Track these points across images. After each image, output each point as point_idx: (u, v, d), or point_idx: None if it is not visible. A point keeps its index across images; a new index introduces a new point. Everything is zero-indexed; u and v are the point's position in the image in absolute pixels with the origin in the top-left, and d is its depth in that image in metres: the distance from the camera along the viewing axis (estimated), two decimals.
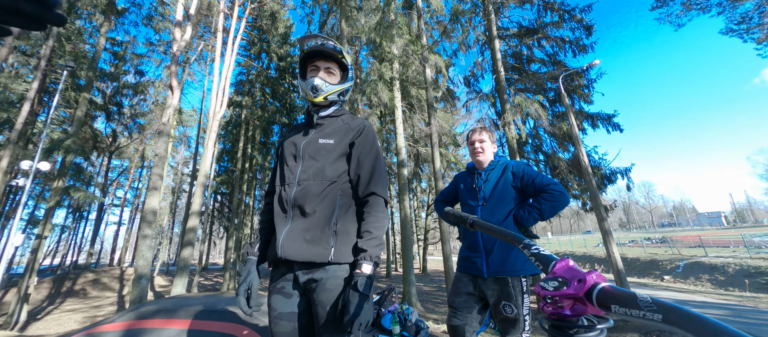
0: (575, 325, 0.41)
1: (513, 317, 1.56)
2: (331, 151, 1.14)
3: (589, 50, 9.66)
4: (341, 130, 1.18)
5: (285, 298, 1.06)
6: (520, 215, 1.69)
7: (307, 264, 1.05)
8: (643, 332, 6.24)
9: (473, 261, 1.72)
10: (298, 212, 1.08)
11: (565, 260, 0.46)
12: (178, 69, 8.26)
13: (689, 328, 0.28)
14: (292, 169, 1.14)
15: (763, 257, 14.34)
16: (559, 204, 1.61)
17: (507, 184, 1.77)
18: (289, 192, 1.10)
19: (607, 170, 9.26)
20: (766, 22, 8.50)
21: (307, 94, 1.16)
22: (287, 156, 1.17)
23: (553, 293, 0.42)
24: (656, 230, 62.01)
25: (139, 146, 21.84)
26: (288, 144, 1.19)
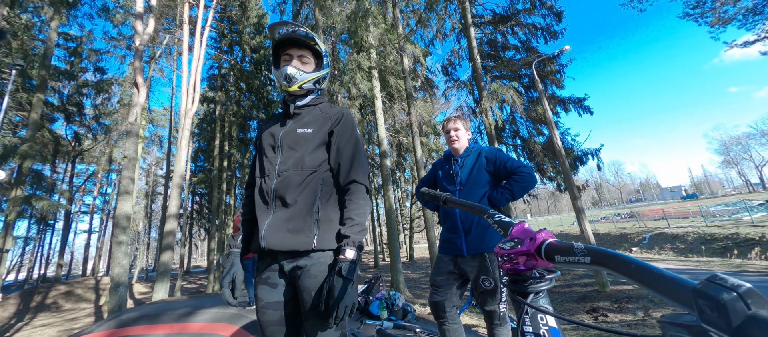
0: (529, 278, 0.47)
1: (491, 288, 1.70)
2: (310, 140, 1.13)
3: (559, 36, 9.97)
4: (320, 119, 1.17)
5: (271, 288, 1.07)
6: (494, 196, 1.83)
7: (291, 253, 1.06)
8: (613, 300, 6.76)
9: (454, 242, 1.83)
10: (279, 202, 1.08)
11: (521, 224, 0.52)
12: (142, 65, 7.81)
13: (607, 263, 0.35)
14: (271, 160, 1.13)
15: (717, 225, 15.71)
16: (528, 185, 1.79)
17: (481, 168, 1.90)
18: (269, 183, 1.09)
19: (579, 152, 9.73)
20: (717, 6, 9.09)
21: (281, 84, 1.14)
22: (266, 148, 1.15)
23: (509, 252, 0.48)
24: (625, 206, 66.09)
25: (105, 149, 20.55)
26: (266, 135, 1.17)
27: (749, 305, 0.23)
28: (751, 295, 0.23)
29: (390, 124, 12.69)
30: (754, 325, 0.22)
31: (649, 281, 0.30)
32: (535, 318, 0.46)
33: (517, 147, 10.52)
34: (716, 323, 0.24)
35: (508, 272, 0.50)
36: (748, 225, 13.82)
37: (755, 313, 0.22)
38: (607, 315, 5.59)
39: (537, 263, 0.47)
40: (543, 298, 0.48)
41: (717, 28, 9.14)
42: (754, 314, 0.22)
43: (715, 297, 0.24)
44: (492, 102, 8.91)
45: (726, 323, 0.23)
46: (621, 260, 0.33)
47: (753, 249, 11.18)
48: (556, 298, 7.85)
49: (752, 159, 71.52)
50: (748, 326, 0.22)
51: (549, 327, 0.44)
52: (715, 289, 0.24)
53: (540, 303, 0.47)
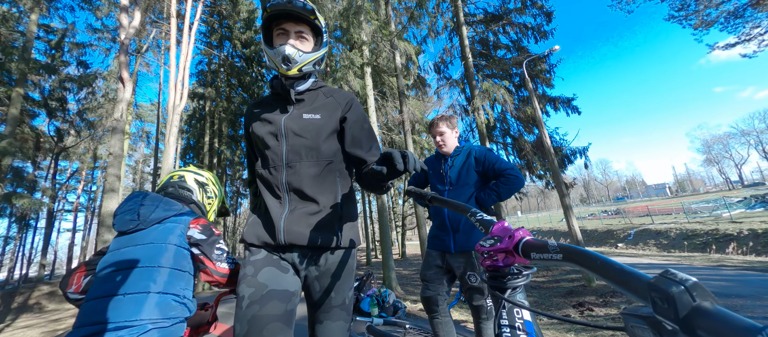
0: (507, 274, 0.49)
1: (477, 285, 1.76)
2: (321, 127, 1.04)
3: (549, 36, 10.11)
4: (328, 104, 1.07)
5: (281, 272, 0.94)
6: (481, 197, 1.89)
7: (310, 248, 0.99)
8: (598, 295, 6.94)
9: (442, 239, 1.90)
10: (295, 195, 1.00)
11: (501, 222, 0.54)
12: (128, 59, 7.60)
13: (576, 259, 0.37)
14: (275, 149, 1.02)
15: (698, 221, 16.26)
16: (515, 187, 1.85)
17: (470, 168, 1.94)
18: (278, 175, 1.00)
19: (567, 150, 9.92)
20: (701, 9, 9.35)
21: (277, 67, 0.99)
22: (265, 136, 1.03)
23: (489, 249, 0.49)
24: (612, 203, 67.79)
25: (90, 145, 19.97)
26: (261, 123, 1.05)
27: (694, 297, 0.25)
28: (696, 288, 0.25)
29: (382, 122, 12.68)
30: (698, 315, 0.24)
31: (612, 275, 0.32)
32: (511, 312, 0.48)
33: (508, 145, 10.67)
34: (666, 313, 0.26)
35: (487, 268, 0.51)
36: (727, 221, 14.35)
37: (699, 304, 0.24)
38: (592, 309, 5.74)
39: (515, 260, 0.49)
40: (520, 293, 0.50)
41: (700, 30, 9.40)
42: (698, 306, 0.24)
43: (665, 290, 0.26)
44: (483, 100, 9.00)
45: (674, 313, 0.25)
46: (588, 256, 0.35)
47: (730, 244, 11.63)
48: (544, 293, 8.03)
49: (732, 158, 74.15)
50: (693, 316, 0.24)
51: (524, 321, 0.47)
52: (667, 283, 0.26)
53: (517, 298, 0.49)
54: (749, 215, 16.55)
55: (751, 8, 8.53)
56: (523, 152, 10.04)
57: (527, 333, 0.46)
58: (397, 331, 2.82)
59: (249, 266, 0.94)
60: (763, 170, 72.31)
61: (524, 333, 0.46)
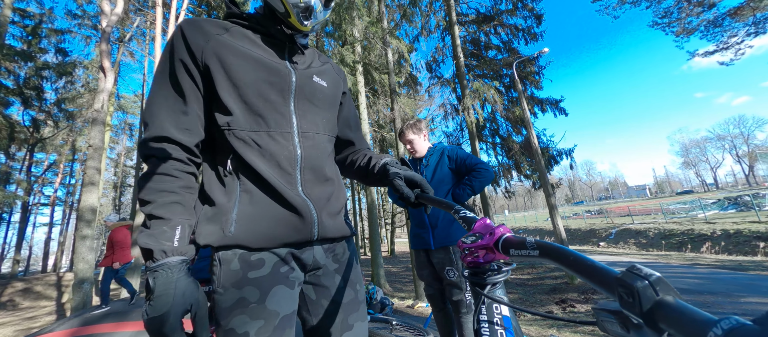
0: (487, 270, 0.50)
1: (455, 280, 1.82)
2: (329, 99, 0.85)
3: (539, 38, 10.29)
4: (330, 73, 0.88)
5: (289, 289, 0.70)
6: (457, 193, 1.98)
7: (337, 239, 0.82)
8: (580, 292, 7.17)
9: (422, 236, 1.98)
10: (311, 175, 0.76)
11: (483, 219, 0.55)
12: (110, 48, 7.33)
13: (551, 255, 0.38)
14: (278, 107, 0.74)
15: (675, 221, 16.94)
16: (486, 180, 1.95)
17: (444, 166, 2.05)
18: (285, 145, 0.73)
19: (554, 151, 10.15)
20: (683, 17, 9.68)
21: (289, 12, 0.73)
22: (259, 84, 0.72)
23: (470, 246, 0.50)
24: (595, 203, 69.86)
25: (68, 137, 19.19)
26: (246, 61, 0.72)
27: (658, 291, 0.26)
28: (659, 283, 0.26)
29: (374, 119, 12.66)
30: (660, 309, 0.25)
31: (583, 270, 0.33)
32: (490, 307, 0.49)
33: (497, 145, 10.83)
34: (632, 307, 0.27)
35: (468, 264, 0.52)
36: (702, 222, 15.01)
37: (662, 298, 0.25)
38: (574, 305, 5.92)
39: (495, 257, 0.50)
40: (499, 289, 0.51)
41: (682, 37, 9.75)
42: (661, 300, 0.25)
43: (631, 285, 0.27)
44: (474, 100, 9.09)
45: (639, 307, 0.26)
46: (562, 253, 0.37)
47: (705, 244, 12.18)
48: (529, 290, 8.23)
49: (708, 161, 77.49)
50: (656, 310, 0.25)
51: (502, 316, 0.48)
52: (632, 278, 0.27)
53: (496, 294, 0.50)
54: (722, 216, 17.36)
55: (729, 18, 8.90)
56: (511, 152, 10.21)
57: (505, 328, 0.47)
58: (384, 327, 2.84)
59: (249, 288, 0.65)
60: (736, 173, 75.92)
61: (502, 328, 0.47)
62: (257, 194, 0.70)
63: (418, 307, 5.04)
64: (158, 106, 0.68)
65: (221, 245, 0.67)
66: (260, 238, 0.68)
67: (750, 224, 12.12)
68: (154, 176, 0.64)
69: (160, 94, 0.69)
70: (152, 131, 0.66)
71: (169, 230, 0.61)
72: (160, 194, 0.63)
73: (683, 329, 0.23)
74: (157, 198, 0.63)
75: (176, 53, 0.69)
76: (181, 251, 0.61)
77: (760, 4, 8.02)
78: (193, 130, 0.69)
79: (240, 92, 0.71)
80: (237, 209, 0.68)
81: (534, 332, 3.89)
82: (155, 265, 0.58)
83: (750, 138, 67.21)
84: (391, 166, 0.80)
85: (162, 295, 0.56)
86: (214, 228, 0.68)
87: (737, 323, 0.19)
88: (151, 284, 0.56)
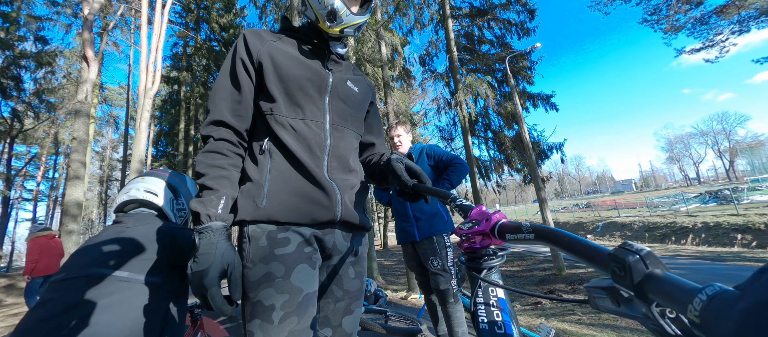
0: (483, 255, 0.52)
1: (439, 269, 1.90)
2: (360, 104, 0.94)
3: (531, 33, 10.35)
4: (362, 83, 0.98)
5: (312, 269, 0.75)
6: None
7: (360, 228, 0.87)
8: (568, 282, 7.36)
9: (407, 230, 2.07)
10: (337, 163, 0.83)
11: (479, 207, 0.56)
12: (93, 36, 7.07)
13: (547, 237, 0.40)
14: (315, 101, 0.83)
15: (659, 215, 17.49)
16: (462, 173, 2.09)
17: (424, 163, 2.15)
18: (319, 133, 0.82)
19: (544, 146, 10.31)
20: (671, 14, 9.87)
21: (318, 18, 0.83)
22: (302, 79, 0.82)
23: (467, 232, 0.52)
24: (583, 197, 71.49)
25: (50, 129, 18.55)
26: (292, 61, 0.83)
27: (648, 265, 0.27)
28: (649, 257, 0.27)
29: None
30: (650, 280, 0.27)
31: (578, 250, 0.35)
32: (486, 291, 0.50)
33: (489, 139, 10.93)
34: (623, 281, 0.28)
35: (465, 250, 0.54)
36: (684, 215, 15.54)
37: (652, 271, 0.27)
38: (562, 295, 6.09)
39: (491, 242, 0.51)
40: (495, 273, 0.52)
41: (670, 35, 9.95)
42: (650, 272, 0.27)
43: (623, 259, 0.28)
44: (467, 95, 9.13)
45: (630, 280, 0.28)
46: (557, 234, 0.38)
47: (687, 236, 12.63)
48: (519, 281, 8.42)
49: (691, 156, 79.91)
50: (646, 282, 0.27)
51: (498, 298, 0.49)
52: (624, 253, 0.29)
53: (492, 277, 0.51)
54: (703, 209, 18.00)
55: (715, 16, 9.11)
56: (503, 147, 10.33)
57: (501, 309, 0.49)
58: (379, 318, 2.88)
59: (275, 263, 0.69)
60: (718, 168, 78.56)
61: (498, 309, 0.49)
62: (288, 172, 0.78)
63: (411, 298, 5.13)
64: (219, 96, 0.80)
65: (253, 218, 0.73)
66: (289, 212, 0.74)
67: (729, 217, 12.61)
68: (208, 152, 0.75)
69: (222, 86, 0.81)
70: (212, 116, 0.78)
71: (216, 199, 0.70)
72: (212, 168, 0.73)
73: (671, 297, 0.24)
74: (209, 171, 0.72)
75: (238, 53, 0.82)
76: (223, 217, 0.70)
77: (745, 2, 8.23)
78: (244, 117, 0.81)
79: (284, 85, 0.82)
80: (268, 184, 0.76)
81: (523, 321, 3.99)
82: (202, 227, 0.66)
83: (731, 134, 69.50)
84: (395, 154, 0.88)
85: (205, 253, 0.63)
86: (248, 202, 0.75)
87: (720, 289, 0.20)
88: (197, 242, 0.64)
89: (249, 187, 0.77)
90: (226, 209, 0.71)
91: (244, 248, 0.73)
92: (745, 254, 9.16)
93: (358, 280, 0.87)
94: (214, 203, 0.69)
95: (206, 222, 0.67)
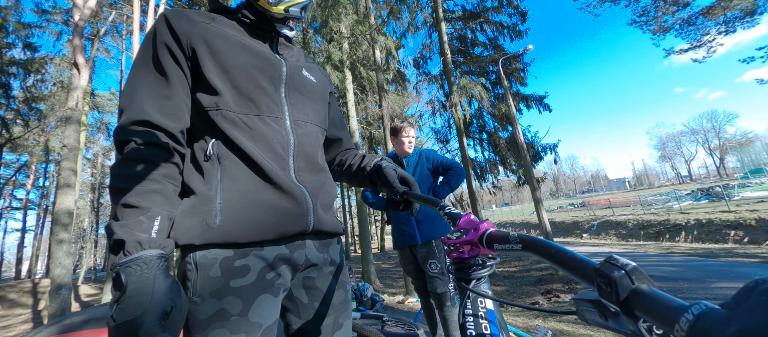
0: (472, 265, 0.51)
1: (437, 272, 1.91)
2: (318, 95, 0.83)
3: (524, 36, 10.46)
4: (318, 71, 0.86)
5: (274, 297, 0.64)
6: (437, 191, 2.13)
7: (332, 234, 0.77)
8: (565, 282, 7.39)
9: (408, 233, 2.07)
10: (304, 163, 0.72)
11: (467, 215, 0.55)
12: (83, 43, 6.98)
13: (533, 248, 0.39)
14: (269, 93, 0.71)
15: (653, 213, 17.69)
16: (461, 178, 2.12)
17: (423, 167, 2.17)
18: (279, 130, 0.69)
19: (539, 147, 10.38)
20: (659, 15, 10.05)
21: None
22: (250, 68, 0.69)
23: (455, 241, 0.51)
24: (578, 197, 72.13)
25: (39, 137, 18.25)
26: (234, 47, 0.70)
27: (633, 280, 0.26)
28: (635, 272, 0.27)
29: (362, 116, 12.59)
30: (636, 296, 0.26)
31: (564, 262, 0.34)
32: (475, 301, 0.49)
33: (484, 141, 10.99)
34: (609, 296, 0.28)
35: (454, 260, 0.53)
36: (677, 213, 15.73)
37: (637, 287, 0.26)
38: (559, 295, 6.11)
39: (479, 251, 0.50)
40: (484, 283, 0.51)
41: (658, 35, 10.12)
42: (636, 288, 0.26)
43: (608, 275, 0.27)
44: (461, 97, 9.18)
45: (616, 296, 0.27)
46: (543, 245, 0.37)
47: (680, 233, 12.78)
48: (516, 282, 8.43)
49: (683, 154, 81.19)
50: (631, 298, 0.26)
51: (487, 309, 0.48)
52: (609, 268, 0.28)
53: (481, 288, 0.50)
54: (695, 206, 18.25)
55: (702, 17, 9.29)
56: (498, 148, 10.39)
57: (490, 321, 0.48)
58: (375, 324, 2.85)
59: (231, 298, 0.58)
60: (709, 165, 79.87)
61: (487, 321, 0.47)
62: (244, 180, 0.63)
63: (408, 302, 5.10)
64: (138, 90, 0.61)
65: (204, 242, 0.59)
66: (251, 229, 0.61)
67: (721, 214, 12.79)
68: (130, 161, 0.56)
69: (140, 79, 0.63)
70: (130, 115, 0.59)
71: (146, 220, 0.53)
72: (136, 180, 0.55)
73: (657, 314, 0.24)
74: (132, 185, 0.55)
75: (160, 38, 0.64)
76: (159, 243, 0.53)
77: (730, 3, 8.41)
78: (177, 115, 0.63)
79: (229, 76, 0.67)
80: (220, 197, 0.61)
81: (521, 323, 3.99)
82: (127, 259, 0.49)
83: (721, 132, 70.78)
84: (385, 161, 0.82)
85: (136, 294, 0.47)
86: (195, 222, 0.60)
87: (706, 308, 0.20)
88: (122, 281, 0.47)
89: (193, 203, 0.61)
90: (163, 233, 0.54)
91: (189, 279, 0.58)
92: (738, 250, 9.28)
93: (341, 290, 0.78)
94: (145, 226, 0.52)
95: (135, 252, 0.50)
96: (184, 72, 0.65)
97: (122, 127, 0.59)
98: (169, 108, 0.62)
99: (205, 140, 0.66)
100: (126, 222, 0.52)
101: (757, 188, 21.90)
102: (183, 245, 0.60)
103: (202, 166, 0.64)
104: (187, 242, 0.58)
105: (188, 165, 0.66)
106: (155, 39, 0.65)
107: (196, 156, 0.66)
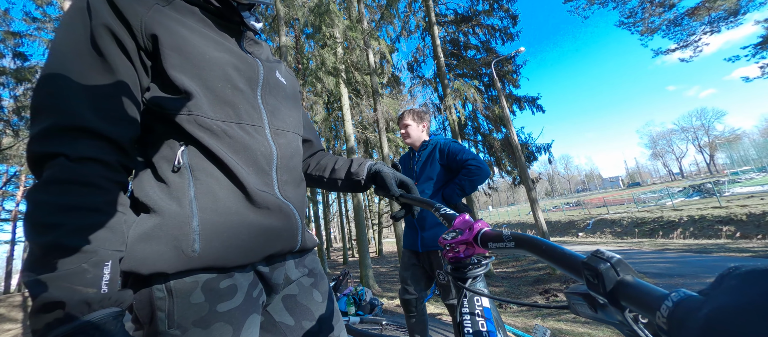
0: (468, 264, 0.52)
1: (446, 283, 1.79)
2: (293, 98, 0.75)
3: (515, 38, 10.62)
4: (286, 72, 0.77)
5: (259, 317, 0.60)
6: (446, 193, 1.88)
7: (304, 251, 0.71)
8: (562, 281, 7.44)
9: (411, 237, 1.93)
10: (287, 176, 0.65)
11: (462, 215, 0.56)
12: None
13: (526, 246, 0.41)
14: (248, 98, 0.60)
15: (646, 210, 17.91)
16: (477, 178, 1.77)
17: (434, 161, 1.94)
18: (262, 141, 0.60)
19: (533, 147, 10.49)
20: (646, 17, 10.27)
21: None
22: (225, 66, 0.58)
23: (451, 242, 0.52)
24: (573, 196, 72.84)
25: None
26: (206, 42, 0.57)
27: (619, 272, 0.28)
28: (620, 264, 0.28)
29: (357, 120, 12.62)
30: (621, 287, 0.27)
31: (554, 257, 0.35)
32: (471, 300, 0.50)
33: (479, 142, 11.07)
34: (596, 288, 0.29)
35: (450, 260, 0.54)
36: (670, 210, 15.95)
37: (623, 278, 0.28)
38: (557, 295, 6.14)
39: (474, 251, 0.51)
40: (480, 281, 0.53)
41: (646, 36, 10.34)
42: (621, 279, 0.27)
43: (595, 268, 0.29)
44: (455, 99, 9.26)
45: (602, 287, 0.28)
46: (535, 242, 0.38)
47: (675, 230, 12.95)
48: (514, 282, 8.45)
49: (674, 152, 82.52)
50: (617, 288, 0.27)
51: (483, 307, 0.49)
52: (596, 261, 0.29)
53: (477, 286, 0.52)
54: (688, 203, 18.53)
55: (687, 18, 9.52)
56: (492, 149, 10.47)
57: (486, 318, 0.49)
58: (374, 328, 2.84)
59: (219, 325, 0.50)
60: (699, 162, 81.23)
61: (483, 319, 0.49)
62: (225, 198, 0.53)
63: None
64: (66, 86, 0.44)
65: (183, 269, 0.48)
66: (237, 253, 0.52)
67: (713, 210, 13.00)
68: (58, 185, 0.41)
69: (67, 71, 0.44)
70: (57, 119, 0.42)
71: (91, 268, 0.39)
72: (71, 213, 0.40)
73: (641, 303, 0.25)
74: (66, 220, 0.39)
75: (98, 18, 0.47)
76: (115, 299, 0.41)
77: (714, 4, 8.63)
78: (126, 120, 0.48)
79: (201, 75, 0.54)
80: (198, 217, 0.50)
81: (520, 323, 4.00)
82: (71, 327, 0.36)
83: (710, 129, 72.18)
84: (381, 165, 0.78)
85: None
86: (163, 248, 0.48)
87: (685, 295, 0.22)
88: None
89: (157, 223, 0.49)
90: (116, 283, 0.42)
91: (161, 309, 0.47)
92: (730, 245, 9.44)
93: (326, 301, 0.71)
94: (91, 277, 0.39)
95: (80, 316, 0.37)
96: (133, 65, 0.50)
97: (43, 135, 0.42)
98: (113, 110, 0.47)
99: (170, 147, 0.53)
100: (61, 273, 0.37)
101: (747, 184, 22.34)
102: (153, 275, 0.47)
103: (166, 178, 0.52)
104: (154, 272, 0.47)
105: (145, 176, 0.53)
106: (91, 19, 0.47)
107: (156, 166, 0.53)
